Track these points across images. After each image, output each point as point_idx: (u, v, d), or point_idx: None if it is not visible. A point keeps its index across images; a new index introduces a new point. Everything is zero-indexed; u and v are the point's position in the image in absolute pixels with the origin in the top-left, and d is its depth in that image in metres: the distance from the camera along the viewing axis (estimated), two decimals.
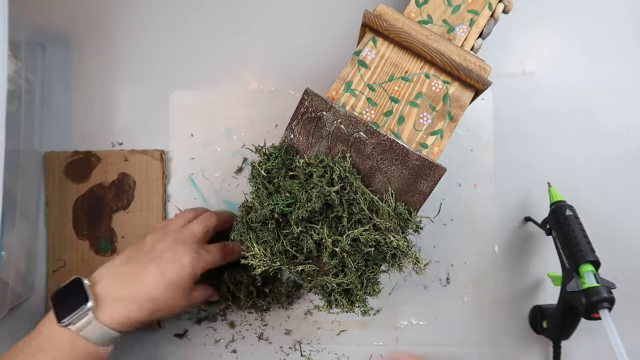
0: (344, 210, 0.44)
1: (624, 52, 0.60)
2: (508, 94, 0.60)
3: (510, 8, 0.51)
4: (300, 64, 0.60)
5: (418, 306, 0.58)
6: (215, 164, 0.60)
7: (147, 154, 0.59)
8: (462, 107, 0.46)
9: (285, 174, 0.45)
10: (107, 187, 0.59)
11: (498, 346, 0.58)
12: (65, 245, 0.58)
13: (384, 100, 0.46)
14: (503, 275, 0.58)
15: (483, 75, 0.46)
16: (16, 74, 0.54)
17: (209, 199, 0.60)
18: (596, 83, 0.60)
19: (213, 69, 0.61)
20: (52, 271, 0.58)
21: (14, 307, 0.56)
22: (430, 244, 0.59)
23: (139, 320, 0.45)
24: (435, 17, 0.49)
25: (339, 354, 0.58)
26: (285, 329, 0.58)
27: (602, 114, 0.60)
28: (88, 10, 0.61)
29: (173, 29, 0.61)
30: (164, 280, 0.45)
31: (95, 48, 0.61)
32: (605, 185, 0.59)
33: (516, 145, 0.60)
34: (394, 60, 0.47)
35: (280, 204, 0.44)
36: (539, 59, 0.61)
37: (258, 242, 0.46)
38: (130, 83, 0.61)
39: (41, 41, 0.60)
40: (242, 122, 0.60)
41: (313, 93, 0.45)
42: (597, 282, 0.47)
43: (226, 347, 0.58)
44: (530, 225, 0.59)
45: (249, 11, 0.61)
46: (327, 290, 0.46)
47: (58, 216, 0.58)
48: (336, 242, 0.44)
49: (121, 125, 0.60)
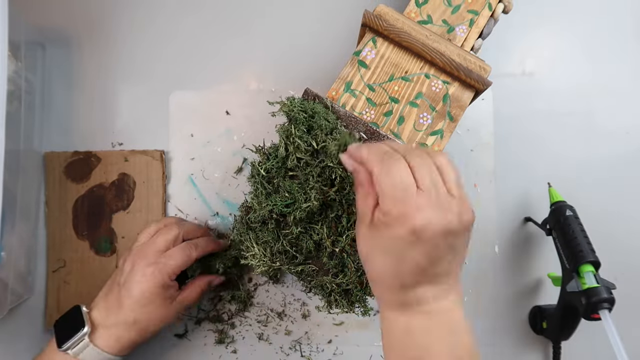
0: (343, 211, 0.44)
1: (624, 53, 0.60)
2: (508, 94, 0.60)
3: (510, 8, 0.51)
4: (300, 64, 0.60)
5: None
6: (215, 164, 0.60)
7: (147, 155, 0.59)
8: (462, 107, 0.46)
9: (285, 174, 0.45)
10: (107, 187, 0.59)
11: (498, 346, 0.58)
12: (65, 245, 0.58)
13: (384, 101, 0.46)
14: (503, 276, 0.58)
15: (483, 75, 0.46)
16: (16, 74, 0.54)
17: (209, 199, 0.59)
18: (596, 83, 0.60)
19: (213, 69, 0.61)
20: (52, 271, 0.58)
21: (13, 307, 0.56)
22: None
23: (133, 341, 0.48)
24: (435, 17, 0.49)
25: (338, 355, 0.58)
26: (285, 329, 0.58)
27: (602, 114, 0.60)
28: (88, 10, 0.61)
29: (173, 29, 0.61)
30: (135, 300, 0.47)
31: (95, 48, 0.61)
32: (605, 185, 0.59)
33: (516, 146, 0.60)
34: (394, 60, 0.47)
35: (279, 205, 0.44)
36: (539, 59, 0.61)
37: (258, 242, 0.46)
38: (131, 83, 0.61)
39: (41, 41, 0.60)
40: (242, 122, 0.60)
41: (313, 93, 0.45)
42: (597, 282, 0.47)
43: (226, 347, 0.58)
44: (530, 225, 0.59)
45: (249, 11, 0.61)
46: (327, 291, 0.46)
47: (58, 216, 0.58)
48: (336, 242, 0.44)
49: (121, 126, 0.60)
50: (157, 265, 0.48)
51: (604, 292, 0.46)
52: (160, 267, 0.47)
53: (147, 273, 0.47)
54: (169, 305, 0.49)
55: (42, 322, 0.57)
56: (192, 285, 0.52)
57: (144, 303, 0.47)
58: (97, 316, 0.47)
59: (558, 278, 0.53)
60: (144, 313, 0.47)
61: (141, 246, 0.50)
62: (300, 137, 0.43)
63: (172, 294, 0.49)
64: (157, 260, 0.48)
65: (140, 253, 0.49)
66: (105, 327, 0.47)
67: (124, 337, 0.47)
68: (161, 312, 0.48)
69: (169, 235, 0.50)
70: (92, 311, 0.48)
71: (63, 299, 0.57)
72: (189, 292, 0.51)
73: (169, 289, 0.48)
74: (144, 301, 0.47)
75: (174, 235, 0.50)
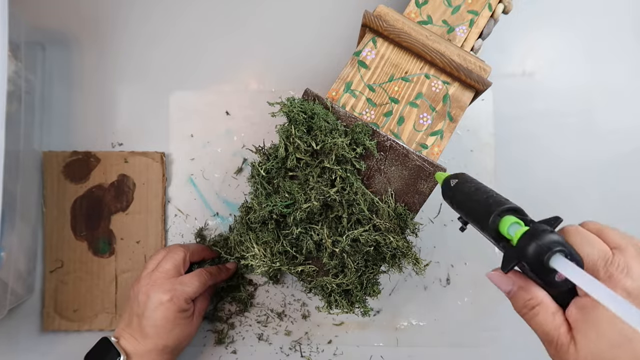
0: (343, 211, 0.44)
1: (623, 53, 0.60)
2: (508, 95, 0.60)
3: (510, 8, 0.51)
4: (300, 65, 0.60)
5: (418, 307, 0.58)
6: (215, 164, 0.60)
7: (147, 156, 0.59)
8: (462, 107, 0.46)
9: (285, 175, 0.45)
10: (106, 188, 0.58)
11: (498, 346, 0.58)
12: (63, 245, 0.58)
13: (384, 101, 0.46)
14: None
15: (483, 75, 0.46)
16: (16, 74, 0.54)
17: (209, 199, 0.59)
18: (596, 83, 0.60)
19: (213, 69, 0.61)
20: (50, 272, 0.57)
21: (13, 308, 0.56)
22: (430, 244, 0.58)
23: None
24: (435, 18, 0.49)
25: (338, 355, 0.58)
26: (285, 329, 0.58)
27: (602, 114, 0.60)
28: (88, 11, 0.61)
29: (173, 29, 0.61)
30: (160, 329, 0.47)
31: (95, 48, 0.61)
32: (605, 185, 0.59)
33: (516, 146, 0.60)
34: (394, 60, 0.47)
35: (279, 205, 0.44)
36: (539, 59, 0.61)
37: (258, 242, 0.46)
38: (131, 83, 0.61)
39: (41, 42, 0.60)
40: (242, 122, 0.60)
41: (313, 94, 0.45)
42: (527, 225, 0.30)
43: (226, 347, 0.58)
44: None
45: (249, 12, 0.61)
46: (327, 291, 0.46)
47: (56, 216, 0.58)
48: (336, 242, 0.44)
49: (121, 126, 0.60)
50: (174, 292, 0.48)
51: (543, 233, 0.28)
52: (178, 295, 0.48)
53: (165, 301, 0.47)
54: (191, 321, 0.50)
55: (40, 322, 0.57)
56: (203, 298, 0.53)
57: (169, 329, 0.48)
58: (127, 345, 0.47)
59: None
60: (171, 337, 0.48)
61: (151, 274, 0.50)
62: (300, 137, 0.43)
63: (191, 312, 0.50)
64: (173, 287, 0.48)
65: (153, 282, 0.49)
66: (139, 355, 0.47)
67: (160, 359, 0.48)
68: (187, 331, 0.50)
69: (177, 258, 0.51)
70: (120, 341, 0.48)
71: (60, 299, 0.57)
72: (201, 302, 0.52)
73: (187, 310, 0.49)
74: (168, 327, 0.48)
75: (181, 258, 0.51)
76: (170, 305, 0.47)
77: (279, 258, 0.46)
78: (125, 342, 0.48)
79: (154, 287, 0.48)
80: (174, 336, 0.48)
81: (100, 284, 0.58)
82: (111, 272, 0.58)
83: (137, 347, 0.47)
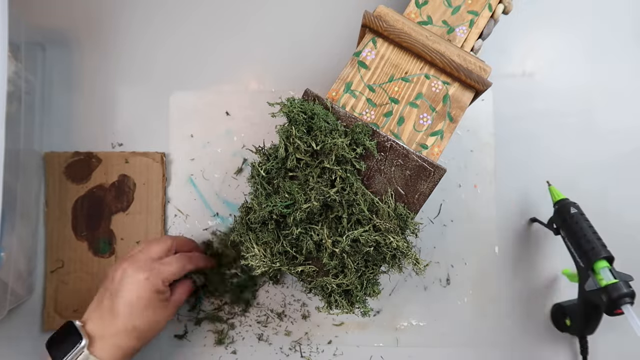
0: (343, 211, 0.44)
1: (623, 53, 0.60)
2: (508, 95, 0.60)
3: (510, 9, 0.51)
4: (300, 65, 0.60)
5: (418, 307, 0.58)
6: (215, 164, 0.60)
7: (147, 156, 0.59)
8: (462, 107, 0.46)
9: (284, 175, 0.45)
10: (107, 188, 0.59)
11: (498, 346, 0.58)
12: (64, 245, 0.58)
13: (384, 101, 0.46)
14: (503, 276, 0.58)
15: (483, 76, 0.46)
16: (16, 75, 0.54)
17: (209, 199, 0.59)
18: (596, 84, 0.60)
19: (213, 70, 0.61)
20: (50, 272, 0.57)
21: (13, 308, 0.56)
22: (430, 244, 0.59)
23: (134, 348, 0.47)
24: (435, 18, 0.49)
25: (338, 355, 0.58)
26: (285, 330, 0.58)
27: (602, 114, 0.60)
28: (88, 11, 0.61)
29: (173, 30, 0.61)
30: (132, 307, 0.46)
31: (95, 49, 0.61)
32: (605, 185, 0.59)
33: (516, 146, 0.60)
34: (394, 61, 0.47)
35: (279, 205, 0.44)
36: (539, 60, 0.61)
37: (258, 243, 0.46)
38: (131, 84, 0.61)
39: (41, 42, 0.60)
40: (242, 123, 0.60)
41: (313, 94, 0.45)
42: (615, 277, 0.47)
43: (226, 348, 0.58)
44: (530, 225, 0.59)
45: (249, 12, 0.61)
46: (327, 291, 0.46)
47: (57, 216, 0.58)
48: (336, 242, 0.44)
49: (121, 126, 0.60)
50: (151, 271, 0.47)
51: (624, 287, 0.46)
52: (155, 273, 0.47)
53: (141, 279, 0.47)
54: (165, 307, 0.49)
55: (40, 322, 0.57)
56: (181, 286, 0.52)
57: (141, 308, 0.47)
58: (92, 328, 0.46)
59: (573, 275, 0.53)
60: (142, 318, 0.47)
61: (134, 254, 0.49)
62: (300, 137, 0.43)
63: (167, 297, 0.49)
64: (151, 267, 0.48)
65: (132, 260, 0.48)
66: (104, 337, 0.45)
67: (125, 344, 0.46)
68: (159, 316, 0.48)
69: (162, 244, 0.50)
70: (87, 324, 0.46)
71: (61, 299, 0.57)
72: (179, 294, 0.51)
73: (163, 293, 0.48)
74: (140, 307, 0.46)
75: (167, 245, 0.51)
76: (147, 283, 0.47)
77: (279, 258, 0.46)
78: (92, 324, 0.46)
79: (132, 265, 0.47)
80: (145, 318, 0.47)
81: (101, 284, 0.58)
82: None
83: (104, 329, 0.46)
